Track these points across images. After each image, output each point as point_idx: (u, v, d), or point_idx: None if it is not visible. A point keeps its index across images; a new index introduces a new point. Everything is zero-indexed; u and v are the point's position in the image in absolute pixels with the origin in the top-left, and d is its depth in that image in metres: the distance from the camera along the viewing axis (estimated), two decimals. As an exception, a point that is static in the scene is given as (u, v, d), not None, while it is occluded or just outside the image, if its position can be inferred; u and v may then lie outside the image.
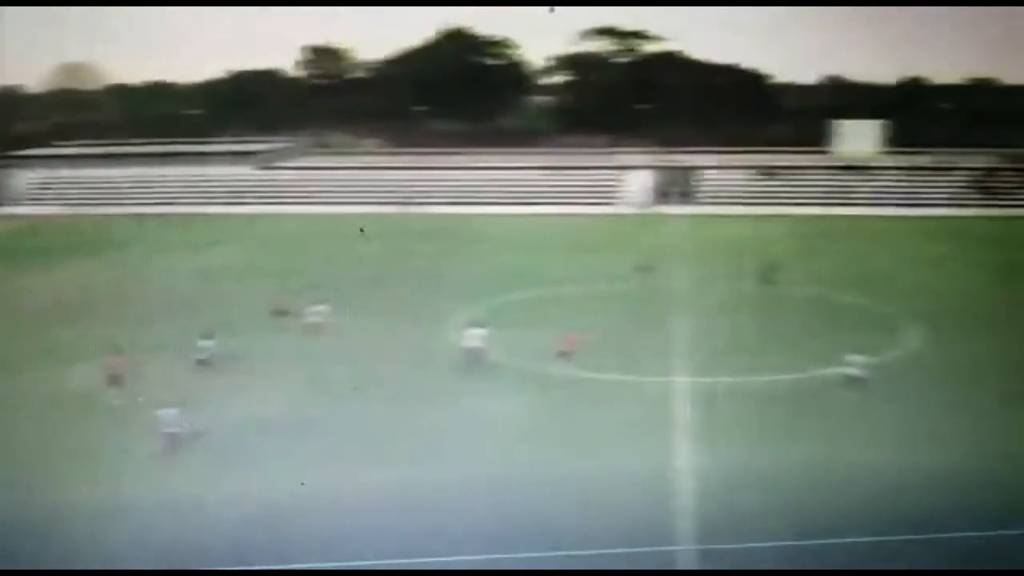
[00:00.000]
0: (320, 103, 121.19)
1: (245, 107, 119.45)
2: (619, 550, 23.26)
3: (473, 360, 37.10)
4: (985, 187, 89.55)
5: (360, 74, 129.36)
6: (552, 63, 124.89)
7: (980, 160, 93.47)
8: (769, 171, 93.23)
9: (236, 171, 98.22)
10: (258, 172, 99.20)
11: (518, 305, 49.24)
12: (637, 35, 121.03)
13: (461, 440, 30.92)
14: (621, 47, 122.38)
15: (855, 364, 35.31)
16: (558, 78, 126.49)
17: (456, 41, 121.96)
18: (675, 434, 30.92)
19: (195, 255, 65.97)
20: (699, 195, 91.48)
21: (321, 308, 44.31)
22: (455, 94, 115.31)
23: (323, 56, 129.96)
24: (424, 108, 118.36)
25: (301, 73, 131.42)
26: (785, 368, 37.53)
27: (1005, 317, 46.58)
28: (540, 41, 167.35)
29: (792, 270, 55.10)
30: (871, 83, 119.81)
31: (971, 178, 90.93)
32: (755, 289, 51.96)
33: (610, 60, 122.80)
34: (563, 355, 37.51)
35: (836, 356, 36.76)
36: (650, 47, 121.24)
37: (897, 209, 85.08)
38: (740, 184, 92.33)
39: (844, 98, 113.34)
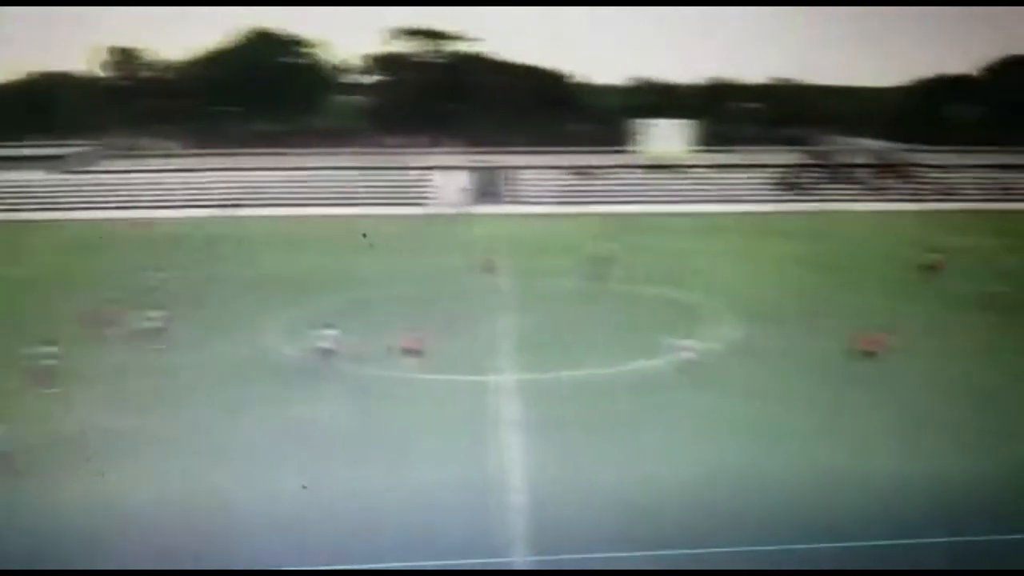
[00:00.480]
0: (125, 105, 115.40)
1: (43, 110, 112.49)
2: (445, 562, 22.04)
3: (323, 361, 36.43)
4: (792, 184, 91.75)
5: (166, 75, 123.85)
6: (363, 63, 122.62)
7: (786, 158, 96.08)
8: (582, 171, 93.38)
9: (33, 176, 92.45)
10: (61, 176, 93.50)
11: (354, 306, 47.68)
12: (446, 36, 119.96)
13: (293, 447, 29.22)
14: (431, 47, 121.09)
15: (686, 348, 36.19)
16: (369, 78, 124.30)
17: (263, 41, 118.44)
18: (510, 433, 30.02)
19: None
20: (514, 194, 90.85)
21: (155, 314, 41.98)
22: (265, 95, 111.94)
23: (126, 57, 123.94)
24: (234, 109, 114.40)
25: (103, 74, 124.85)
26: (624, 359, 37.90)
27: (816, 308, 47.52)
28: (351, 40, 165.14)
29: (615, 267, 55.39)
30: (679, 83, 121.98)
31: (778, 175, 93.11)
32: (587, 286, 52.23)
33: (421, 60, 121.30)
34: (407, 353, 36.62)
35: (663, 348, 37.34)
36: (460, 47, 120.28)
37: (708, 206, 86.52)
38: (554, 183, 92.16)
39: (653, 98, 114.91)
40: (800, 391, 34.41)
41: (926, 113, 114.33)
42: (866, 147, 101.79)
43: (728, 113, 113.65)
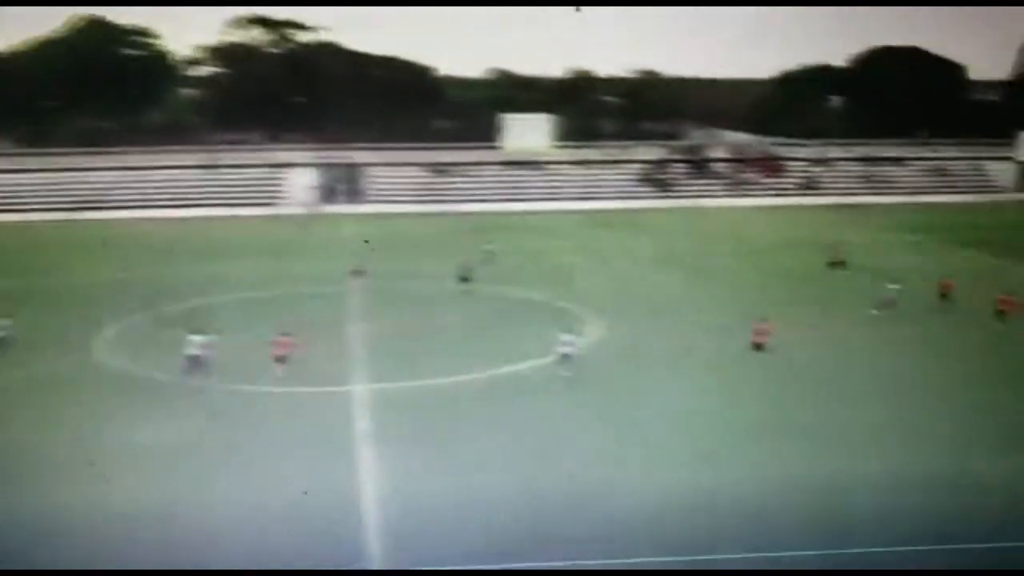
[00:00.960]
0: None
1: None
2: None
3: (194, 369, 35.76)
4: (657, 180, 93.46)
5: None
6: (203, 54, 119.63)
7: (651, 153, 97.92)
8: (443, 168, 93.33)
9: None
10: None
11: (217, 312, 46.64)
12: (291, 24, 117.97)
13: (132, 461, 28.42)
14: (274, 37, 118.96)
15: (566, 344, 36.42)
16: (210, 70, 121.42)
17: (96, 30, 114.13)
18: (369, 445, 29.67)
19: None
20: (368, 193, 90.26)
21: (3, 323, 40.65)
22: (98, 89, 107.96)
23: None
24: (63, 104, 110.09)
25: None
26: (494, 363, 38.04)
27: (684, 304, 49.11)
28: (191, 30, 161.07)
29: (489, 267, 55.94)
30: (541, 76, 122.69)
31: (643, 171, 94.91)
32: (459, 288, 52.26)
33: (264, 51, 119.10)
34: (278, 360, 36.20)
35: (542, 350, 37.95)
36: (306, 37, 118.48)
37: (571, 203, 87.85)
38: (411, 181, 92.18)
39: (515, 92, 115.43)
40: (674, 390, 35.01)
41: (792, 105, 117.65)
42: (731, 141, 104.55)
43: (591, 107, 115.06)
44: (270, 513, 24.86)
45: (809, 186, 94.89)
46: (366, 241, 62.66)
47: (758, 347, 39.32)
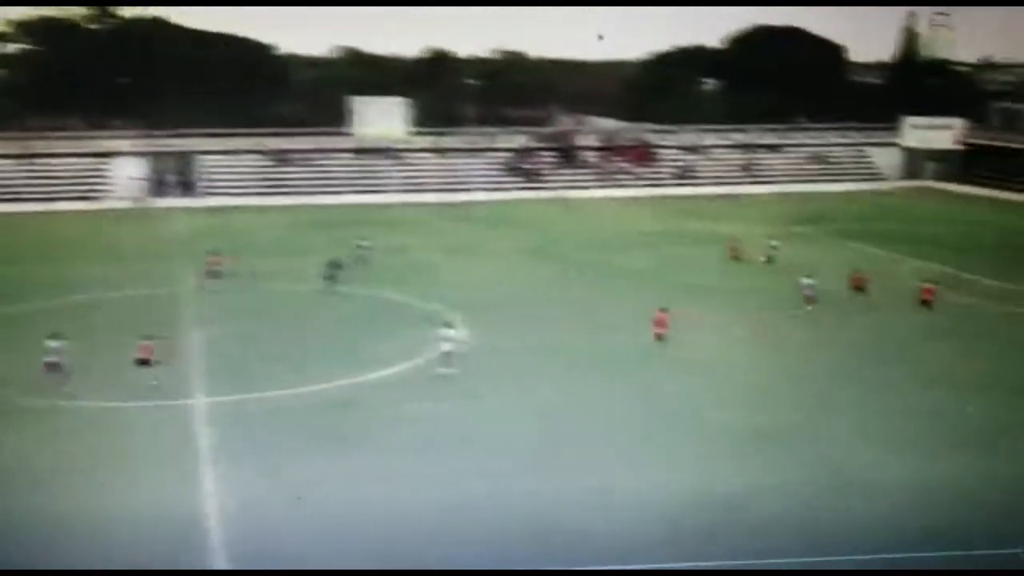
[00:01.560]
0: None
1: None
2: None
3: (54, 375, 35.58)
4: (521, 169, 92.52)
5: None
6: (9, 29, 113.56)
7: (514, 140, 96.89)
8: (282, 156, 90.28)
9: None
10: None
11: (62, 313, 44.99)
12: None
13: None
14: (95, 11, 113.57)
15: (446, 339, 37.21)
16: (19, 47, 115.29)
17: None
18: (212, 458, 29.42)
19: None
20: (203, 185, 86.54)
21: None
22: None
23: None
24: None
25: None
26: (368, 367, 38.07)
27: (568, 303, 49.14)
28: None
29: (355, 268, 55.06)
30: (396, 56, 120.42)
31: (507, 160, 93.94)
32: (317, 290, 51.18)
33: (84, 27, 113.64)
34: (140, 363, 35.98)
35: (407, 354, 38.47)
36: (131, 12, 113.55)
37: (432, 195, 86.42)
38: (250, 172, 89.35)
39: (362, 73, 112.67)
40: (552, 395, 35.24)
41: (665, 89, 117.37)
42: (601, 127, 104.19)
43: (451, 90, 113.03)
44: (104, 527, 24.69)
45: (684, 176, 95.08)
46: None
47: (658, 337, 40.32)
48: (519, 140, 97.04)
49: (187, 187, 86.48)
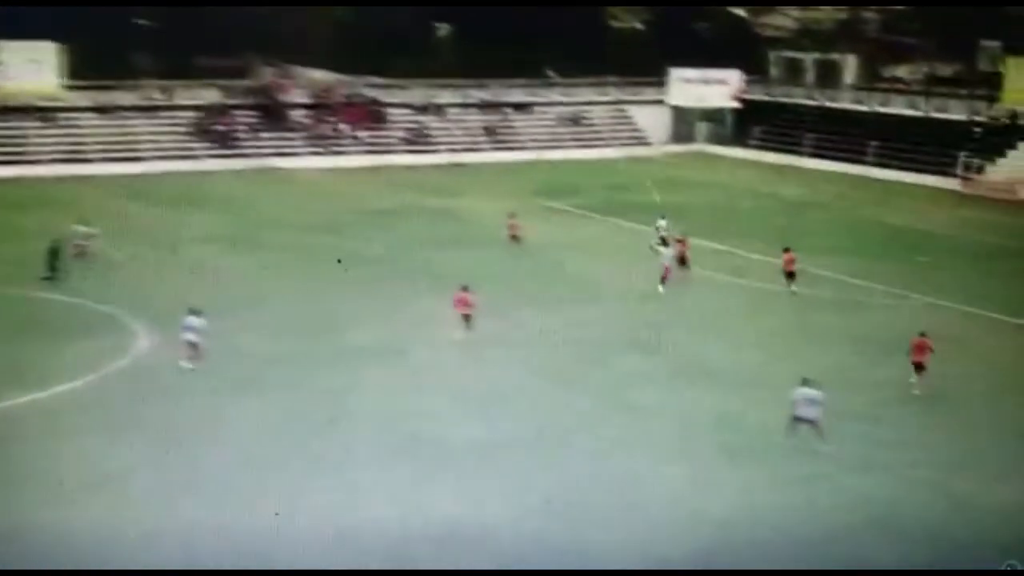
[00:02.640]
0: None
1: None
2: None
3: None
4: (213, 132, 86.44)
5: None
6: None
7: (204, 96, 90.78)
8: None
9: None
10: None
11: None
12: None
13: None
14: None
15: (189, 328, 36.79)
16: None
17: None
18: None
19: None
20: None
21: None
22: None
23: None
24: None
25: None
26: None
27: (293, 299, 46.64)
28: None
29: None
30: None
31: (195, 120, 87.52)
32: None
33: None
34: None
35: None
36: None
37: (98, 166, 79.10)
38: None
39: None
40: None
41: (390, 35, 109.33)
42: (313, 80, 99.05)
43: (118, 32, 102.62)
44: None
45: (417, 140, 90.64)
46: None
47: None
48: (209, 96, 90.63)
49: None
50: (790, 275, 47.52)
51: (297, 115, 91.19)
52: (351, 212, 66.69)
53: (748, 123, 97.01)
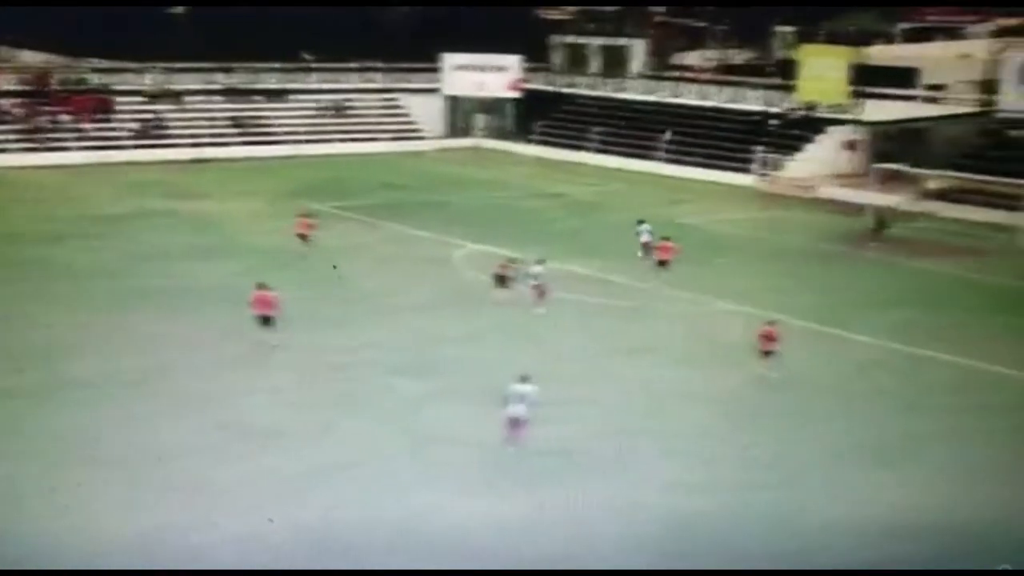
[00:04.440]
0: None
1: None
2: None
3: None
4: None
5: None
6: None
7: None
8: None
9: None
10: None
11: None
12: None
13: None
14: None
15: None
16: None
17: None
18: None
19: None
20: None
21: None
22: None
23: None
24: None
25: None
26: None
27: None
28: None
29: None
30: None
31: None
32: None
33: None
34: None
35: None
36: None
37: None
38: None
39: None
40: None
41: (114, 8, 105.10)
42: (23, 62, 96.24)
43: None
44: None
45: (151, 134, 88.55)
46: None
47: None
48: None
49: None
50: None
51: (5, 104, 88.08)
52: (74, 218, 64.89)
53: (531, 116, 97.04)
